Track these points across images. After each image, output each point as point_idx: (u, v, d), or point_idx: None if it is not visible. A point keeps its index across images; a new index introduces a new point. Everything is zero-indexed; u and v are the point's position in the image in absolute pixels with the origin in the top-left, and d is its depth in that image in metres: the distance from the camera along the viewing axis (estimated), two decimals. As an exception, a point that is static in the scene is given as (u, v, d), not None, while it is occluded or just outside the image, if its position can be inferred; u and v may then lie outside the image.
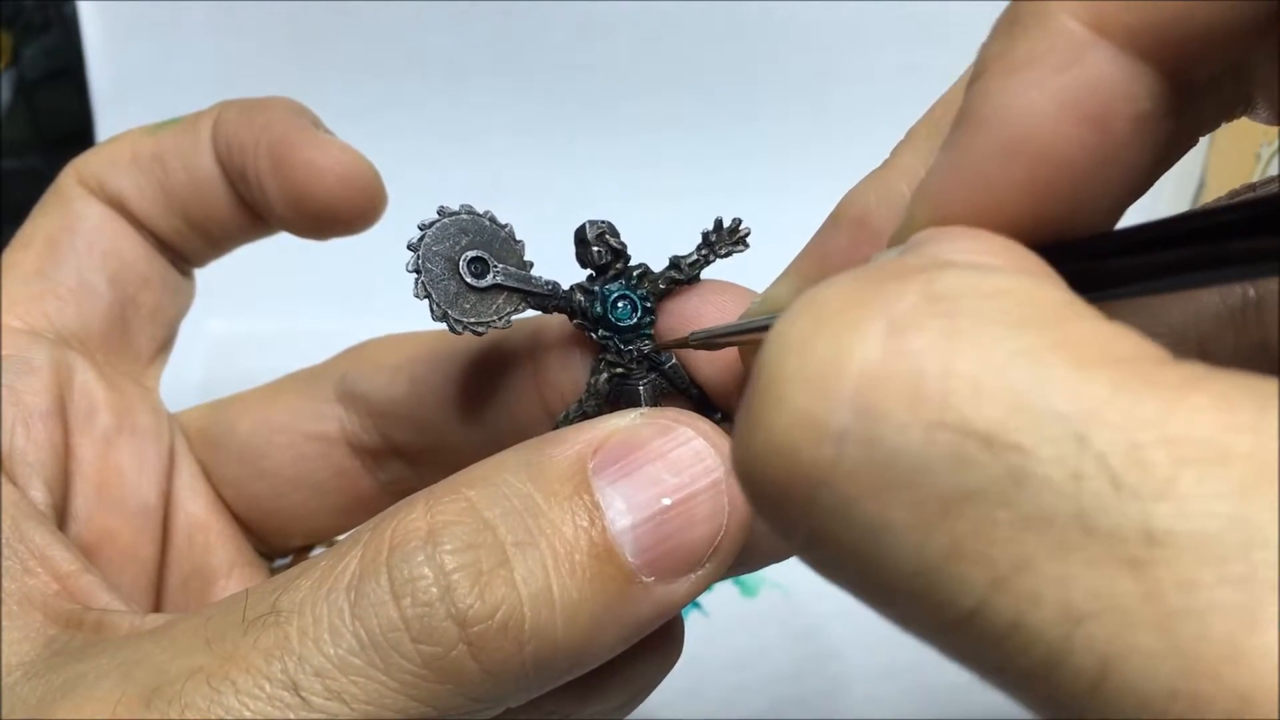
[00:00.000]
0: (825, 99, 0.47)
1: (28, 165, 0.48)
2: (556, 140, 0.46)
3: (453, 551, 0.17)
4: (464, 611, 0.17)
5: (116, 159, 0.25)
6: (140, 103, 0.45)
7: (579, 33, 0.45)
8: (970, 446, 0.12)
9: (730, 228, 0.22)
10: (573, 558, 0.17)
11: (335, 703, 0.17)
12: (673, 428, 0.18)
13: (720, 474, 0.18)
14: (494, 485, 0.18)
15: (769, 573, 0.37)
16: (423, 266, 0.20)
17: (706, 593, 0.37)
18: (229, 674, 0.17)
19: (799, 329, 0.13)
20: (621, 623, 0.18)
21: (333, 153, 0.24)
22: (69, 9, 0.46)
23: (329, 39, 0.45)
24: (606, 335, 0.21)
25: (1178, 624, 0.10)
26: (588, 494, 0.18)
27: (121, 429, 0.24)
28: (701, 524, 0.18)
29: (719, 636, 0.36)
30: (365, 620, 0.17)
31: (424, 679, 0.17)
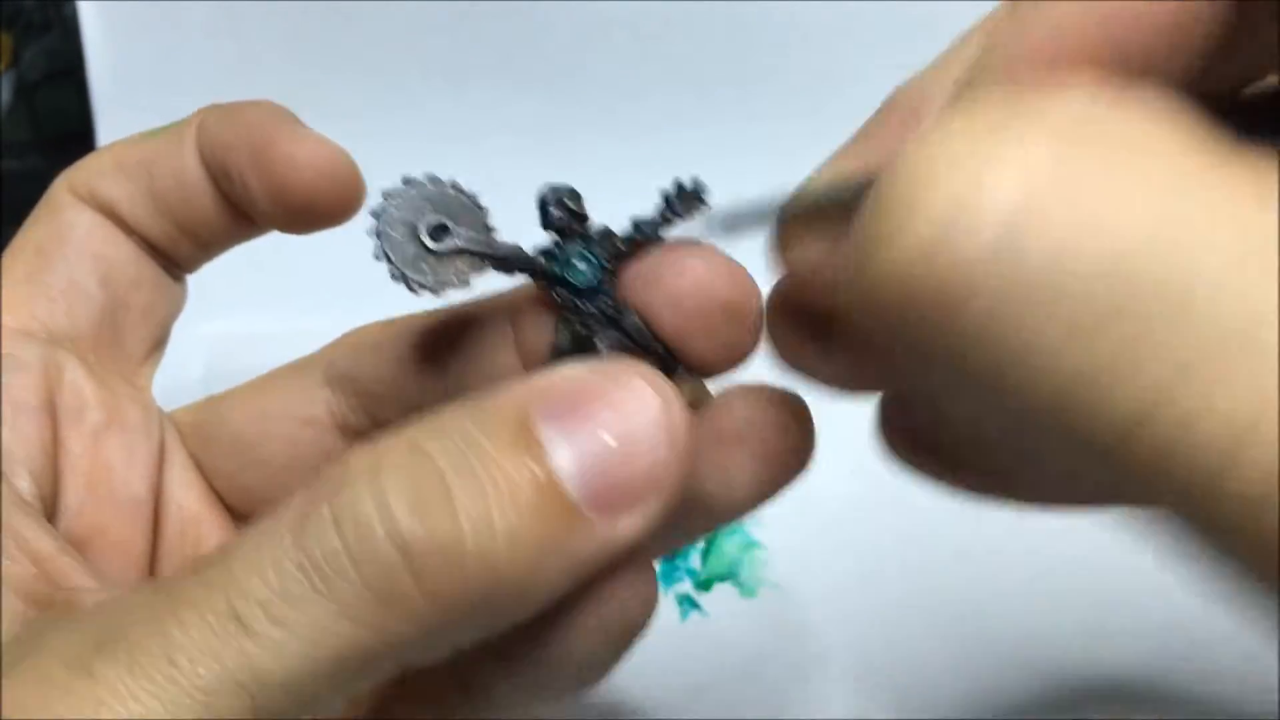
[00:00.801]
0: (826, 99, 0.47)
1: (28, 166, 0.48)
2: (557, 140, 0.46)
3: (392, 480, 0.18)
4: (403, 534, 0.17)
5: (105, 167, 0.26)
6: (141, 103, 0.45)
7: (579, 33, 0.45)
8: (1131, 262, 0.12)
9: (691, 189, 0.22)
10: (514, 490, 0.18)
11: (279, 629, 0.17)
12: (613, 371, 0.19)
13: (660, 413, 0.19)
14: (437, 426, 0.18)
15: (769, 573, 0.37)
16: (383, 231, 0.21)
17: (705, 593, 0.37)
18: (175, 610, 0.17)
19: (949, 140, 0.12)
20: (565, 556, 0.18)
21: (310, 145, 0.24)
22: (69, 10, 0.46)
23: (329, 39, 0.45)
24: (566, 295, 0.21)
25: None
26: (530, 433, 0.18)
27: (111, 424, 0.25)
28: (642, 459, 0.19)
29: (718, 637, 0.36)
30: (307, 548, 0.17)
31: (366, 603, 0.17)
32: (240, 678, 0.17)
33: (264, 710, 0.17)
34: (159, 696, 0.17)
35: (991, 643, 0.36)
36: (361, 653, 0.17)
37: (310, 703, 0.18)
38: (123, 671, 0.17)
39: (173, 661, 0.17)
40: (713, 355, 0.22)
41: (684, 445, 0.19)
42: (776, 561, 0.38)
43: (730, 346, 0.22)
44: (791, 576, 0.37)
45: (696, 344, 0.21)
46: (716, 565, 0.38)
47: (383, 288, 0.26)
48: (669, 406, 0.19)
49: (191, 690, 0.17)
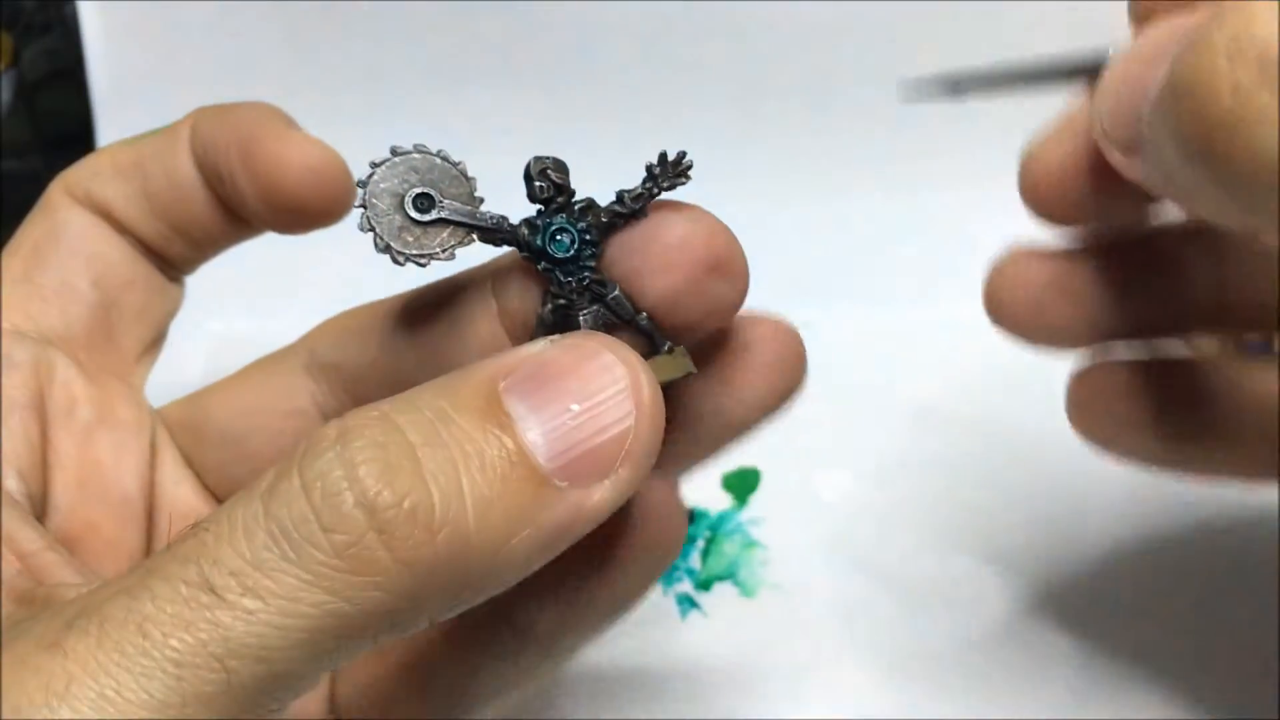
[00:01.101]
0: (826, 99, 0.47)
1: (28, 166, 0.48)
2: (557, 140, 0.46)
3: (361, 448, 0.18)
4: (372, 499, 0.17)
5: (100, 169, 0.26)
6: (141, 104, 0.45)
7: (579, 33, 0.45)
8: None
9: (674, 160, 0.22)
10: (484, 460, 0.18)
11: (251, 598, 0.17)
12: (580, 345, 0.20)
13: (626, 382, 0.19)
14: (408, 400, 0.19)
15: (769, 573, 0.37)
16: (369, 202, 0.21)
17: (704, 593, 0.37)
18: (147, 584, 0.17)
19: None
20: (537, 525, 0.18)
21: (298, 146, 0.24)
22: (69, 10, 0.46)
23: (330, 40, 0.45)
24: (548, 267, 0.22)
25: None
26: (498, 407, 0.19)
27: (102, 423, 0.25)
28: (611, 428, 0.19)
29: (718, 636, 0.36)
30: (278, 517, 0.17)
31: (337, 569, 0.17)
32: (213, 649, 0.17)
33: (238, 684, 0.17)
34: (130, 669, 0.17)
35: (992, 642, 0.36)
36: (336, 622, 0.17)
37: (286, 677, 0.18)
38: (93, 645, 0.17)
39: (144, 633, 0.17)
40: (702, 312, 0.22)
41: (652, 414, 0.19)
42: (776, 561, 0.38)
43: (718, 302, 0.22)
44: (791, 576, 0.37)
45: (687, 302, 0.22)
46: (716, 565, 0.38)
47: (382, 287, 0.26)
48: (636, 377, 0.19)
49: (163, 662, 0.17)
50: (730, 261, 0.22)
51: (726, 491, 0.40)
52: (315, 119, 0.48)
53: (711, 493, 0.40)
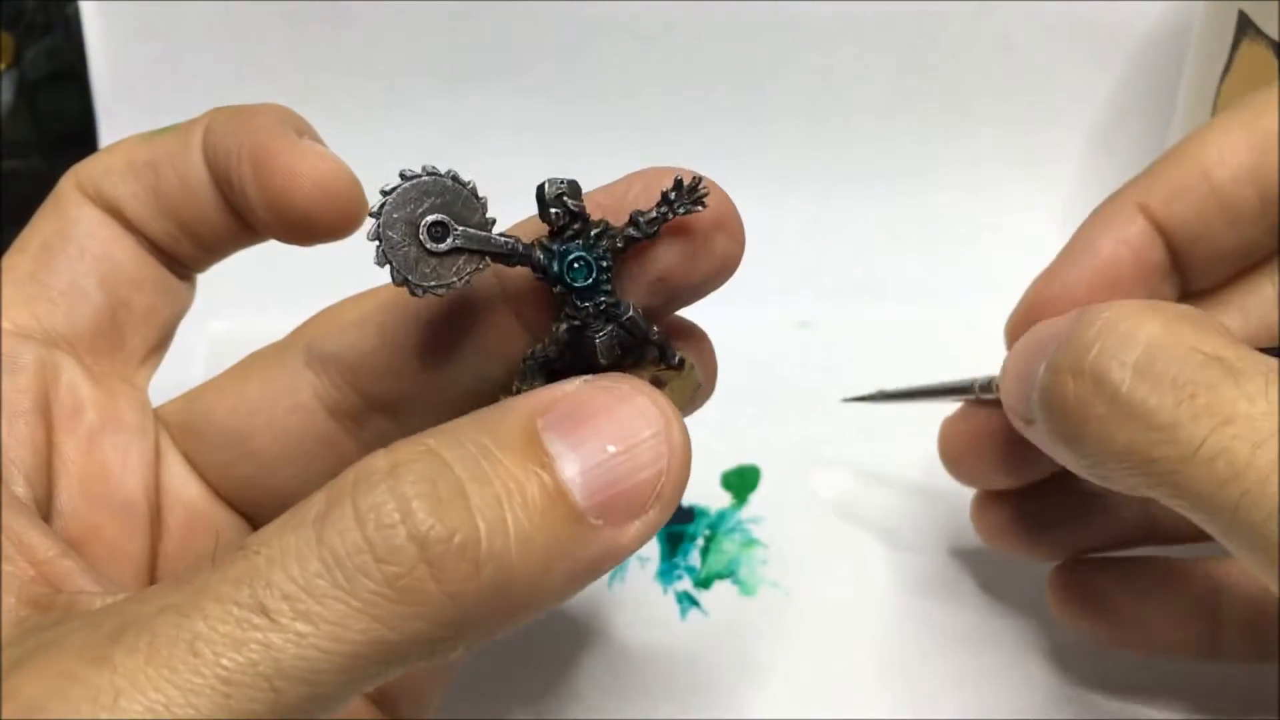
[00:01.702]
0: (826, 99, 0.47)
1: (29, 166, 0.48)
2: (557, 140, 0.46)
3: (413, 483, 0.18)
4: (424, 533, 0.18)
5: (113, 165, 0.26)
6: (142, 104, 0.45)
7: (580, 33, 0.45)
8: (1206, 362, 0.22)
9: (690, 186, 0.22)
10: (526, 495, 0.19)
11: (303, 623, 0.18)
12: (615, 388, 0.20)
13: (661, 428, 0.20)
14: (451, 435, 0.19)
15: (768, 572, 0.37)
16: (383, 234, 0.21)
17: (704, 591, 0.37)
18: (198, 603, 0.18)
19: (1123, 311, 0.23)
20: (574, 560, 0.19)
21: (311, 160, 0.24)
22: (71, 10, 0.46)
23: (330, 40, 0.46)
24: (563, 293, 0.22)
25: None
26: (539, 444, 0.19)
27: (106, 426, 0.25)
28: (645, 469, 0.20)
29: (718, 635, 0.36)
30: (330, 545, 0.18)
31: (387, 599, 0.18)
32: (263, 669, 0.17)
33: (283, 704, 0.18)
34: (179, 686, 0.17)
35: (992, 641, 0.36)
36: (380, 649, 0.18)
37: (326, 698, 0.18)
38: (142, 661, 0.17)
39: (195, 651, 0.17)
40: (711, 270, 0.23)
41: (684, 458, 0.20)
42: (776, 560, 0.38)
43: (724, 258, 0.23)
44: (791, 575, 0.37)
45: (699, 259, 0.23)
46: (716, 563, 0.38)
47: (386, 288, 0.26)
48: (669, 421, 0.20)
49: (213, 680, 0.17)
50: (732, 221, 0.23)
51: (726, 490, 0.40)
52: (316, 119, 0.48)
53: (711, 491, 0.40)
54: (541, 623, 0.36)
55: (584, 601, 0.37)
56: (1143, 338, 0.22)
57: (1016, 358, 0.27)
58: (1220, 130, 0.28)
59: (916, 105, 0.47)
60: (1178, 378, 0.22)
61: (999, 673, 0.35)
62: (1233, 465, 0.21)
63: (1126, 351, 0.22)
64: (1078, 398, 0.23)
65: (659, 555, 0.38)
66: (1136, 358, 0.22)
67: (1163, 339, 0.22)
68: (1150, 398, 0.22)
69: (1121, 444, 0.22)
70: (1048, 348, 0.25)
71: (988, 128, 0.47)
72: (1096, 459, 0.23)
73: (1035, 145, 0.47)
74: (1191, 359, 0.22)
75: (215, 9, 0.45)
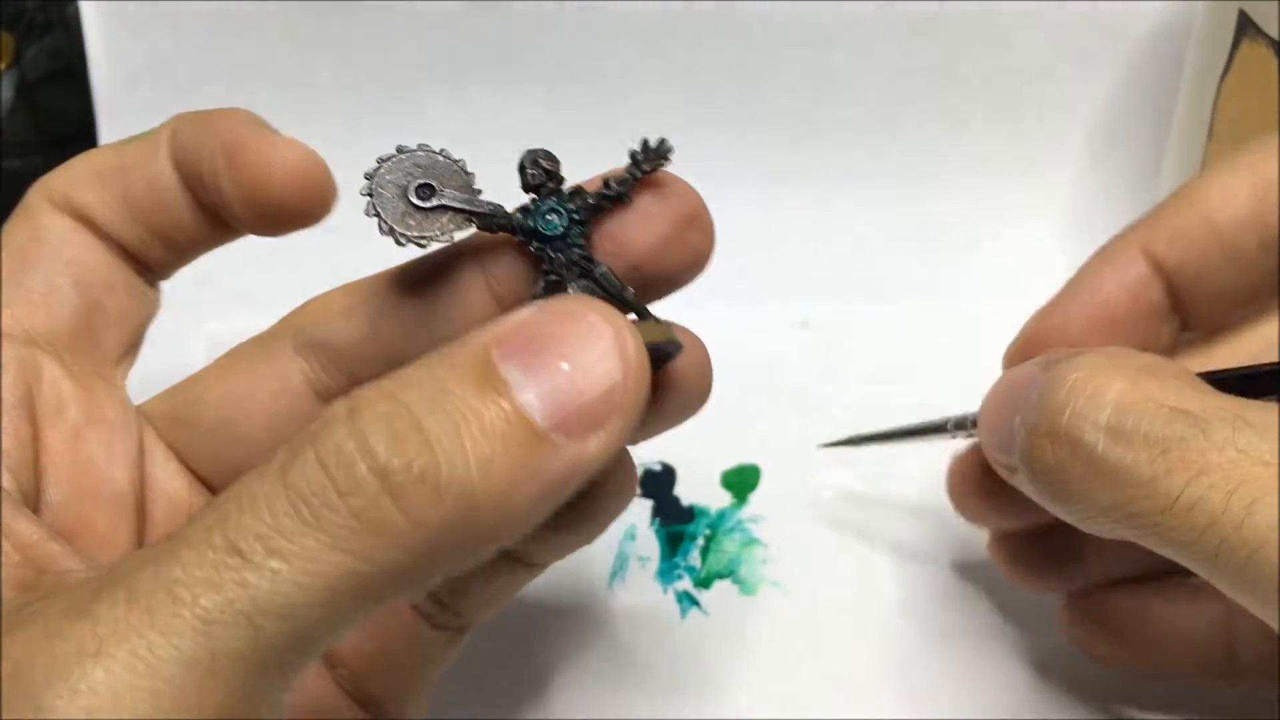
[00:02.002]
0: (826, 99, 0.47)
1: (30, 165, 0.48)
2: (557, 140, 0.46)
3: (369, 421, 0.19)
4: (383, 464, 0.19)
5: (80, 175, 0.26)
6: (142, 103, 0.45)
7: (580, 34, 0.45)
8: (1173, 416, 0.23)
9: (655, 146, 0.24)
10: (483, 422, 0.19)
11: (276, 560, 0.18)
12: (565, 308, 0.21)
13: (611, 339, 0.21)
14: (407, 375, 0.20)
15: (768, 572, 0.37)
16: (375, 191, 0.23)
17: (704, 590, 0.37)
18: (174, 552, 0.19)
19: (1093, 367, 0.24)
20: (539, 479, 0.20)
21: (282, 148, 0.25)
22: (71, 10, 0.46)
23: (331, 41, 0.46)
24: (540, 246, 0.23)
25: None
26: (494, 373, 0.20)
27: (91, 421, 0.25)
28: (600, 382, 0.20)
29: (718, 635, 0.36)
30: (295, 486, 0.19)
31: (355, 531, 0.19)
32: (241, 607, 0.18)
33: (265, 640, 0.18)
34: (160, 629, 0.18)
35: (993, 640, 0.36)
36: (355, 581, 0.19)
37: (308, 634, 0.19)
38: (122, 611, 0.18)
39: (173, 596, 0.18)
40: (681, 262, 0.24)
41: (638, 367, 0.21)
42: (777, 559, 0.38)
43: (695, 251, 0.24)
44: (791, 574, 0.37)
45: (667, 254, 0.24)
46: (716, 563, 0.38)
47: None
48: (620, 334, 0.21)
49: (193, 621, 0.18)
50: (702, 216, 0.24)
51: (726, 489, 0.40)
52: (316, 118, 0.49)
53: (711, 490, 0.40)
54: (541, 622, 0.36)
55: (584, 601, 0.37)
56: (1110, 397, 0.23)
57: (990, 408, 0.28)
58: (1222, 176, 0.29)
59: (916, 105, 0.47)
60: (1149, 435, 0.23)
61: (999, 673, 0.35)
62: (1210, 513, 0.22)
63: (1097, 412, 0.24)
64: (1057, 460, 0.24)
65: (659, 555, 0.38)
66: (1107, 418, 0.23)
67: (1129, 396, 0.23)
68: (1126, 456, 0.23)
69: (1105, 501, 0.24)
70: (1018, 397, 0.26)
71: (988, 127, 0.47)
72: (1083, 514, 0.25)
73: (1035, 145, 0.47)
74: (1159, 415, 0.23)
75: (215, 9, 0.45)
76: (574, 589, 0.37)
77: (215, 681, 0.18)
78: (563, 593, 0.37)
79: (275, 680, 0.19)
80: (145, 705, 0.17)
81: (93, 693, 0.17)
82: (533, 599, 0.37)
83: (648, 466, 0.40)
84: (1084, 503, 0.24)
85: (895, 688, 0.35)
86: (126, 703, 0.17)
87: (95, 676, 0.17)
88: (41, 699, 0.17)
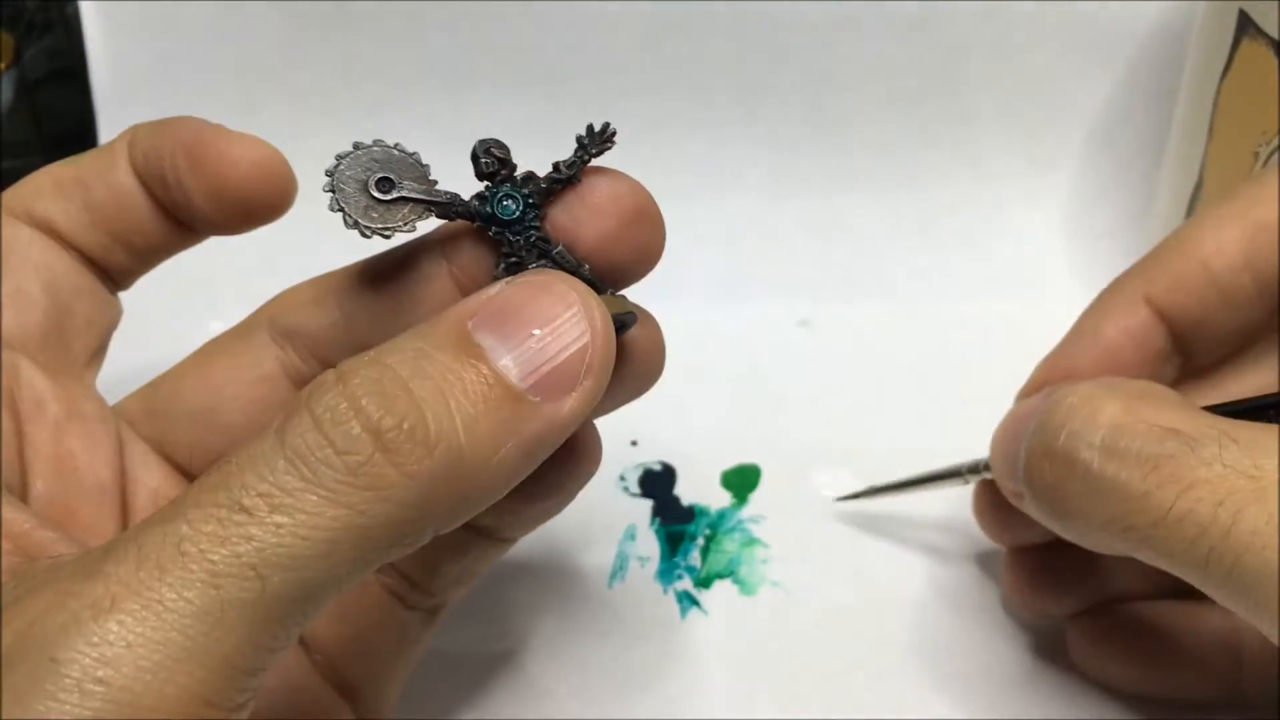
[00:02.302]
0: (826, 99, 0.47)
1: (29, 166, 0.47)
2: (558, 141, 0.46)
3: (359, 384, 0.20)
4: (376, 422, 0.20)
5: (40, 187, 0.27)
6: (142, 103, 0.45)
7: (580, 34, 0.45)
8: (1164, 434, 0.25)
9: (600, 131, 0.25)
10: (465, 383, 0.21)
11: (280, 514, 0.19)
12: (532, 280, 0.23)
13: (579, 306, 0.22)
14: (392, 345, 0.22)
15: (769, 571, 0.37)
16: (337, 187, 0.24)
17: (704, 591, 0.37)
18: (180, 511, 0.20)
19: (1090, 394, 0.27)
20: (519, 437, 0.21)
21: (243, 144, 0.26)
22: (71, 10, 0.46)
23: (331, 40, 0.46)
24: (498, 230, 0.24)
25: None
26: (470, 342, 0.21)
27: (70, 417, 0.26)
28: (571, 345, 0.22)
29: (717, 635, 0.36)
30: (294, 446, 0.20)
31: (353, 485, 0.20)
32: (247, 559, 0.19)
33: (270, 591, 0.19)
34: (170, 583, 0.19)
35: (993, 640, 0.36)
36: (354, 534, 0.20)
37: (311, 585, 0.20)
38: (133, 567, 0.19)
39: (182, 551, 0.19)
40: (631, 255, 0.25)
41: (605, 331, 0.22)
42: (777, 559, 0.38)
43: (644, 246, 0.25)
44: (792, 574, 0.37)
45: (617, 246, 0.25)
46: (716, 562, 0.38)
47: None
48: (586, 300, 0.22)
49: (202, 575, 0.19)
50: (651, 211, 0.25)
51: (726, 489, 0.40)
52: (316, 119, 0.49)
53: (711, 490, 0.40)
54: (541, 621, 0.36)
55: (584, 601, 0.37)
56: (1104, 420, 0.25)
57: (999, 439, 0.30)
58: (1215, 222, 0.30)
59: (917, 105, 0.47)
60: (1141, 452, 0.25)
61: (999, 672, 0.35)
62: (1199, 524, 0.23)
63: (1092, 433, 0.25)
64: (1055, 479, 0.26)
65: (659, 555, 0.38)
66: (1102, 438, 0.25)
67: (1123, 418, 0.25)
68: (1120, 473, 0.25)
69: (1101, 516, 0.25)
70: (1024, 427, 0.28)
71: (988, 127, 0.47)
72: (1082, 530, 0.26)
73: (1035, 145, 0.47)
74: (1151, 434, 0.25)
75: (215, 9, 0.45)
76: (574, 589, 0.37)
77: (223, 632, 0.19)
78: (563, 593, 0.37)
79: (278, 631, 0.19)
80: (158, 654, 0.18)
81: (107, 644, 0.18)
82: (533, 599, 0.37)
83: (648, 466, 0.40)
84: (1082, 518, 0.26)
85: (895, 688, 0.35)
86: (139, 653, 0.18)
87: (109, 629, 0.18)
88: (56, 652, 0.18)
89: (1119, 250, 0.45)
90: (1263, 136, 0.35)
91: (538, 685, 0.35)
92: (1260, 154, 0.35)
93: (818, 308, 0.45)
